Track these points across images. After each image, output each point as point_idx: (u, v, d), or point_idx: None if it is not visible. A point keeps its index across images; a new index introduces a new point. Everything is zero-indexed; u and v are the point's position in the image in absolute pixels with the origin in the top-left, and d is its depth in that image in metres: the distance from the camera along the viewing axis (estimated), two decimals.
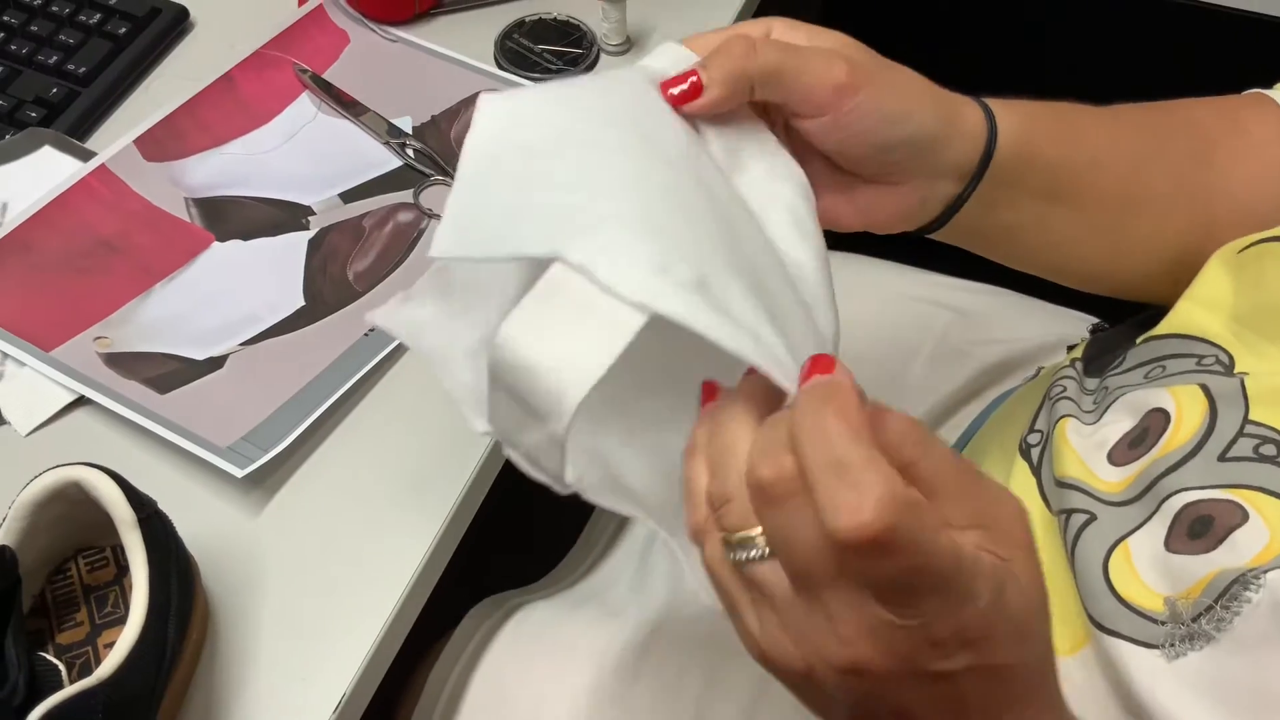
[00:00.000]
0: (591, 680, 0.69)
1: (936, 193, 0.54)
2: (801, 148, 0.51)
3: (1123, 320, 0.73)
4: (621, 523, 0.84)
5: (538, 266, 0.41)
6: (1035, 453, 0.60)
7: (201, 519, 0.62)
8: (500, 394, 0.42)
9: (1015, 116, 0.55)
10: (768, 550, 0.38)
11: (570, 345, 0.39)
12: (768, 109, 0.51)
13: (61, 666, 0.53)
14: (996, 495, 0.39)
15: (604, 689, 0.69)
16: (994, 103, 0.55)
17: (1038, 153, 0.56)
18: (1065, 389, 0.61)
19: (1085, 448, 0.56)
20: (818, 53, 0.49)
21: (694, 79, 0.48)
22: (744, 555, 0.39)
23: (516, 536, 0.85)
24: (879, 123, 0.50)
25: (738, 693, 0.67)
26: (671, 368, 0.45)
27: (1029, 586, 0.38)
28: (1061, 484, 0.56)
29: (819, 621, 0.38)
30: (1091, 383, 0.62)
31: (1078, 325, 0.84)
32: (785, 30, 0.51)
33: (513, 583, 0.81)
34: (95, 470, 0.54)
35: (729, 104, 0.48)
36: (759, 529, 0.38)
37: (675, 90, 0.48)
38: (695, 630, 0.71)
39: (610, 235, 0.40)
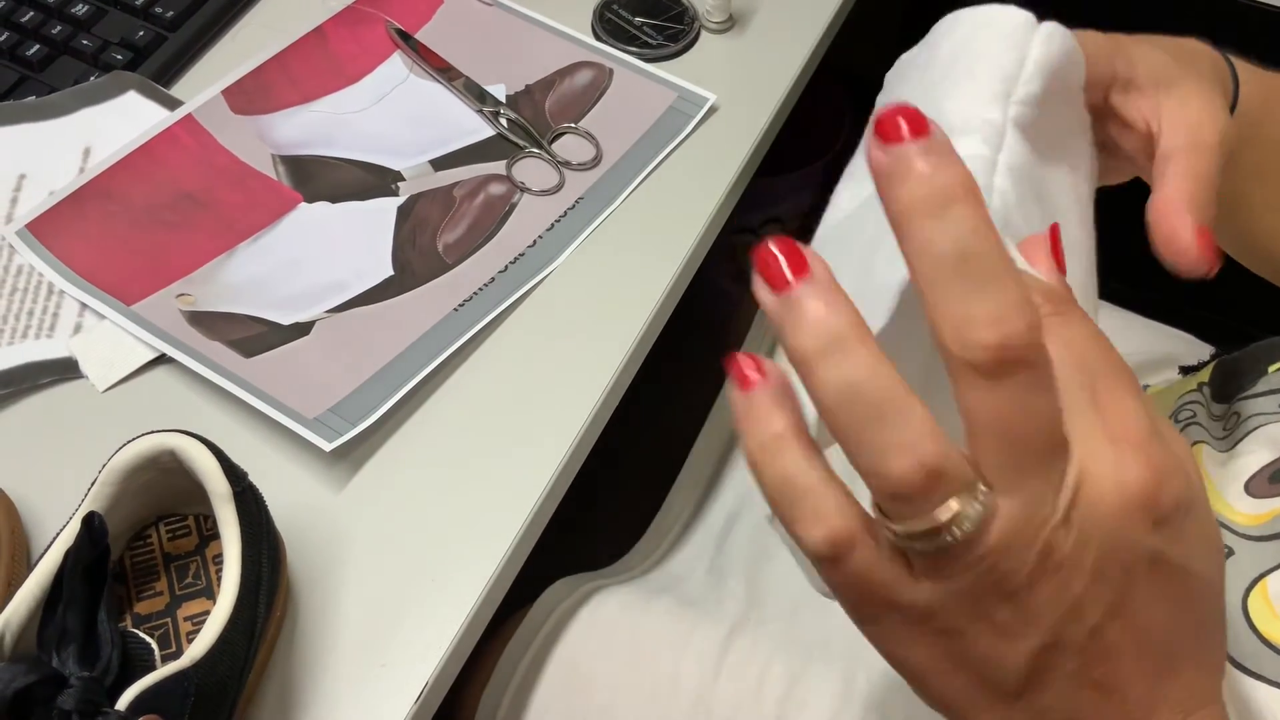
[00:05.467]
0: (670, 673, 0.68)
1: None
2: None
3: (1226, 336, 0.71)
4: (693, 513, 0.82)
5: None
6: None
7: (282, 491, 0.60)
8: None
9: (1251, 75, 0.54)
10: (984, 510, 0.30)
11: None
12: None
13: (154, 644, 0.51)
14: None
15: (682, 684, 0.67)
16: (1237, 64, 0.53)
17: (1272, 112, 0.54)
18: (1195, 414, 0.58)
19: (1220, 477, 0.54)
20: (1200, 132, 0.47)
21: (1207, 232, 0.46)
22: (949, 537, 0.30)
23: (584, 520, 0.83)
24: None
25: (822, 700, 0.65)
26: None
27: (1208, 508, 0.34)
28: None
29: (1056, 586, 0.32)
30: (1218, 408, 0.60)
31: (1179, 344, 0.81)
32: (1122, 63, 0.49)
33: (579, 566, 0.79)
34: (191, 439, 0.52)
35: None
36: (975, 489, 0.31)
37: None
38: (777, 632, 0.69)
39: None
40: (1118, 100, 0.49)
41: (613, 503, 0.84)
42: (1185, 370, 0.70)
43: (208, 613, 0.54)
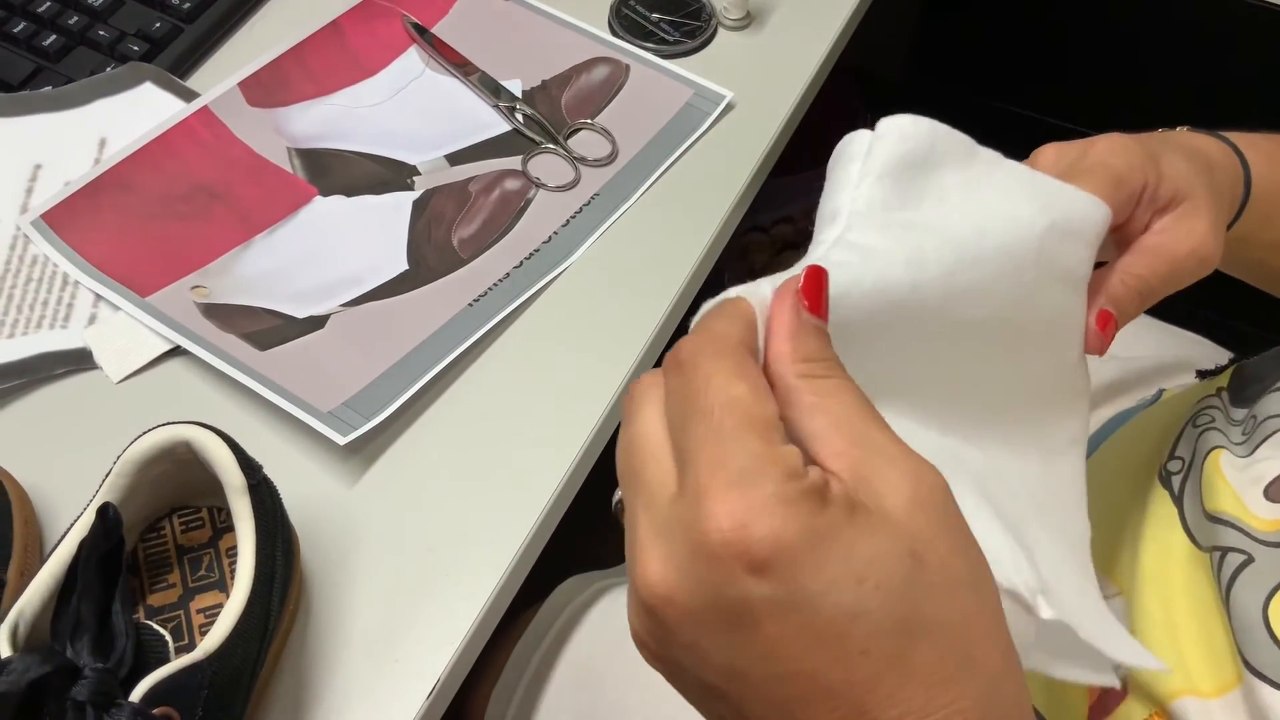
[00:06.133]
0: None
1: None
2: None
3: (1241, 341, 0.70)
4: None
5: None
6: (1177, 481, 0.58)
7: (295, 485, 0.60)
8: None
9: (1259, 154, 0.55)
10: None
11: None
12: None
13: (168, 636, 0.50)
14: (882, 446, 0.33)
15: None
16: (1245, 148, 0.55)
17: (1276, 210, 0.55)
18: (1213, 419, 0.58)
19: (1240, 482, 0.54)
20: (1180, 236, 0.50)
21: (1110, 319, 0.49)
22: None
23: (594, 518, 0.83)
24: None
25: None
26: None
27: (892, 553, 0.31)
28: (1213, 518, 0.53)
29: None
30: (1238, 413, 0.59)
31: (1195, 347, 0.81)
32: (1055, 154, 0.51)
33: (590, 564, 0.79)
34: (207, 431, 0.52)
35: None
36: None
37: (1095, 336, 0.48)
38: None
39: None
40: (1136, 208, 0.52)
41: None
42: (1202, 374, 0.70)
43: (220, 605, 0.54)
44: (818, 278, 0.37)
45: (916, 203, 0.43)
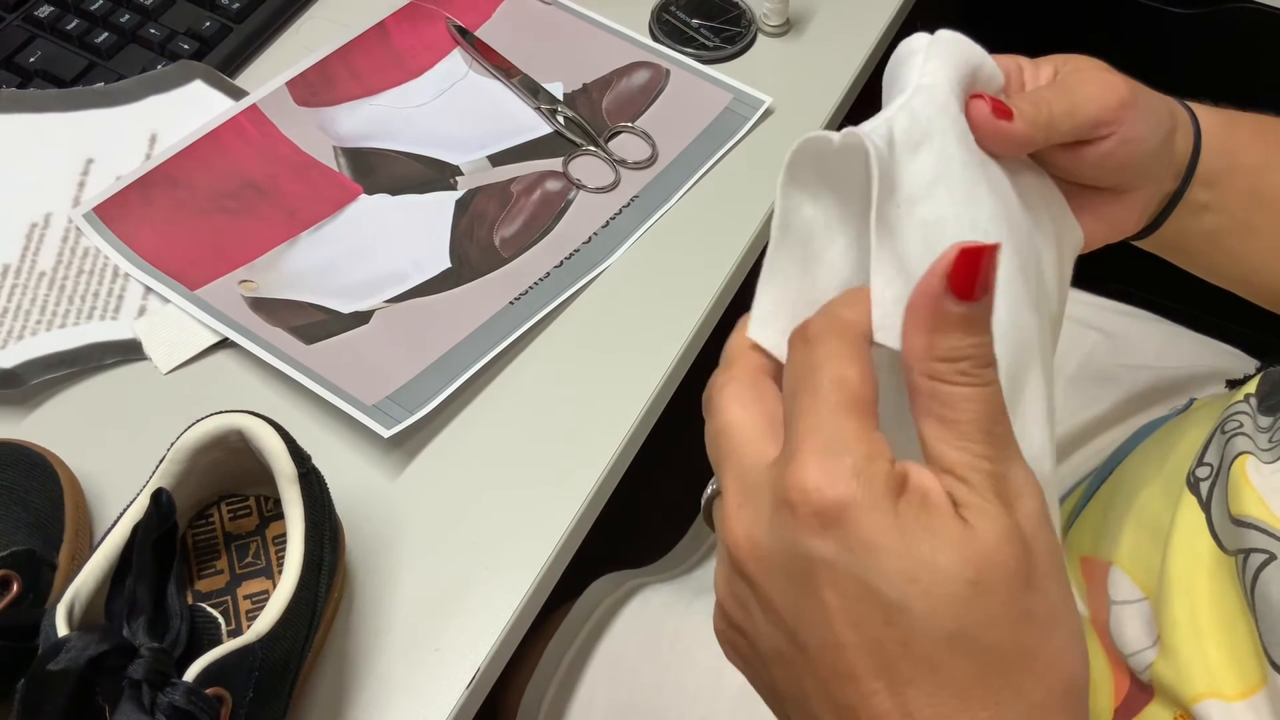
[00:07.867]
0: (713, 671, 0.68)
1: (1160, 192, 0.54)
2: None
3: (1273, 352, 0.71)
4: None
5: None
6: (1205, 487, 0.58)
7: (339, 476, 0.61)
8: None
9: (1211, 114, 0.55)
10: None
11: None
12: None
13: (220, 619, 0.52)
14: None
15: (725, 683, 0.68)
16: (1189, 103, 0.55)
17: (1240, 151, 0.55)
18: (1241, 425, 0.59)
19: (1266, 487, 0.54)
20: (1088, 77, 0.49)
21: (1007, 110, 0.45)
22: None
23: (626, 517, 0.84)
24: (1150, 129, 0.50)
25: None
26: None
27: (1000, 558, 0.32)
28: (1239, 522, 0.54)
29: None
30: (1265, 420, 0.60)
31: (1227, 358, 0.81)
32: (1030, 67, 0.51)
33: (622, 563, 0.80)
34: (259, 420, 0.53)
35: (1031, 147, 0.47)
36: None
37: (987, 108, 0.45)
38: None
39: None
40: None
41: (655, 501, 0.84)
42: (1232, 384, 0.70)
43: (267, 592, 0.55)
44: (973, 259, 0.33)
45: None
